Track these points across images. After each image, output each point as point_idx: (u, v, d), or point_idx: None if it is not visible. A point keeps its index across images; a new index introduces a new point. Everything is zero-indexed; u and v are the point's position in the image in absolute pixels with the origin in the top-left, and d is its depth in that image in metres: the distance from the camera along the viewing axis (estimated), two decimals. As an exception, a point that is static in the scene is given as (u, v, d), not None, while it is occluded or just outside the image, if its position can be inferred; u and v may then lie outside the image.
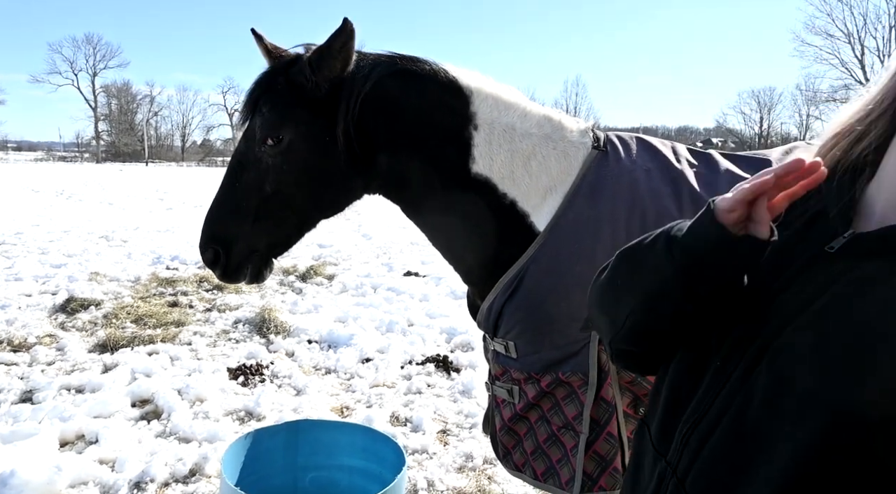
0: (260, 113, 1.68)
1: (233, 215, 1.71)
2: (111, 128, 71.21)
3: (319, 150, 1.67)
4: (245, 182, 1.70)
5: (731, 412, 0.75)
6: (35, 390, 4.04)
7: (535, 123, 1.75)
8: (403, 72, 1.69)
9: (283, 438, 2.27)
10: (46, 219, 12.55)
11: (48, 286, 6.79)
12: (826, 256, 0.74)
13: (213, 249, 1.74)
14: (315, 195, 1.73)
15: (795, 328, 0.71)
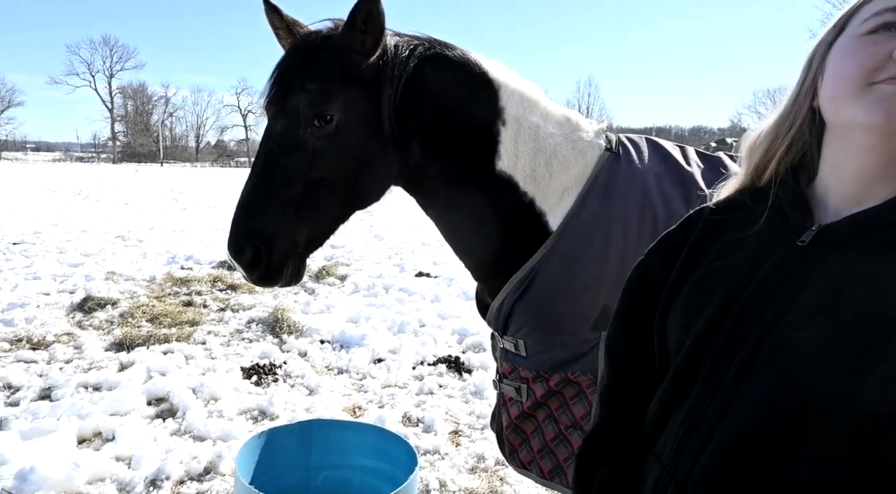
0: (303, 89, 1.51)
1: (274, 206, 1.51)
2: (127, 128, 72.18)
3: (366, 133, 1.56)
4: (287, 168, 1.51)
5: (732, 413, 0.75)
6: (53, 387, 4.11)
7: (556, 122, 1.74)
8: (439, 57, 1.64)
9: (296, 437, 2.29)
10: (64, 219, 12.74)
11: (66, 285, 6.90)
12: (798, 250, 0.77)
13: (252, 247, 1.50)
14: (359, 182, 1.60)
15: (791, 325, 0.72)
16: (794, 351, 0.71)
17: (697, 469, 0.77)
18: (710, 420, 0.77)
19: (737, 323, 0.78)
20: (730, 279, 0.82)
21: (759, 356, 0.74)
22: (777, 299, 0.75)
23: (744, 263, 0.82)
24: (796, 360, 0.70)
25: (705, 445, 0.77)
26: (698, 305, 0.84)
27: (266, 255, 1.51)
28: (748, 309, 0.77)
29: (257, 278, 1.54)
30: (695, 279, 0.88)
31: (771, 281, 0.77)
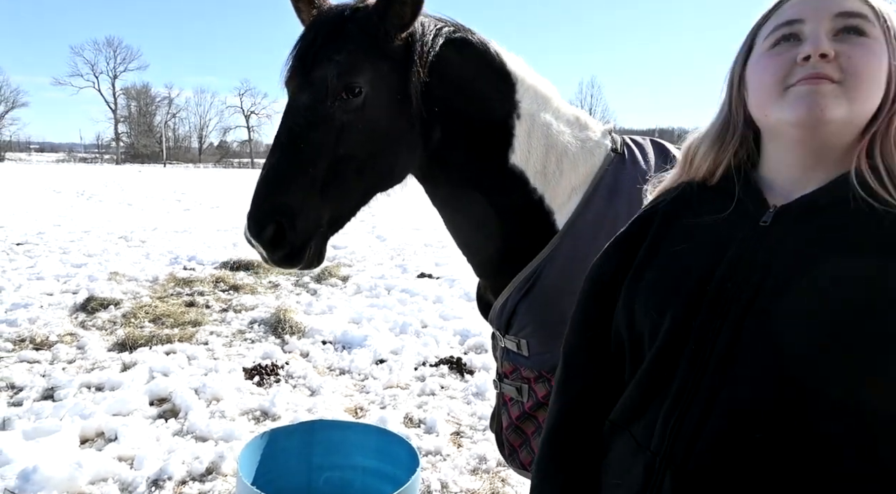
0: (331, 61, 1.46)
1: (297, 182, 1.44)
2: (130, 129, 72.35)
3: (393, 110, 1.52)
4: (313, 142, 1.45)
5: (727, 391, 0.79)
6: (56, 387, 4.12)
7: (566, 121, 1.74)
8: (464, 41, 1.61)
9: (298, 438, 2.29)
10: (67, 220, 12.78)
11: (69, 285, 6.92)
12: (762, 229, 0.85)
13: (275, 223, 1.43)
14: (385, 161, 1.54)
15: (772, 299, 0.79)
16: (785, 324, 0.77)
17: (697, 452, 0.80)
18: (703, 403, 0.81)
19: (715, 303, 0.83)
20: (698, 260, 0.88)
21: (742, 336, 0.80)
22: (750, 278, 0.82)
23: (709, 244, 0.89)
24: (790, 333, 0.76)
25: (702, 428, 0.80)
26: (670, 287, 0.89)
27: (290, 233, 1.44)
28: (723, 290, 0.83)
29: (280, 257, 1.47)
30: (659, 264, 0.94)
31: (741, 260, 0.84)
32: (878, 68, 0.80)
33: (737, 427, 0.78)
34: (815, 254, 0.79)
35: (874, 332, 0.72)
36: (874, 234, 0.77)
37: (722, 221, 0.90)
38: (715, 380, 0.81)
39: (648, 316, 0.91)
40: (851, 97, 0.80)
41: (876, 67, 0.80)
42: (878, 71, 0.80)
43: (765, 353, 0.77)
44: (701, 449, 0.80)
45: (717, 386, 0.80)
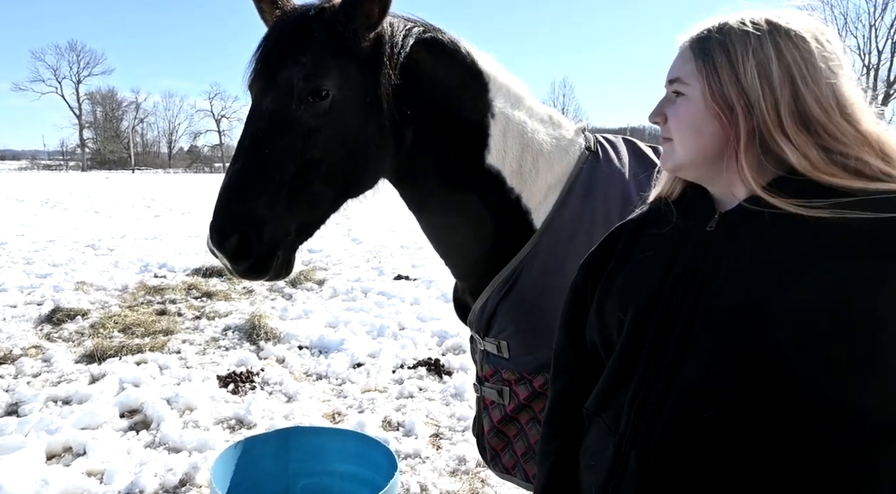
0: (296, 62, 1.41)
1: (262, 189, 1.39)
2: (96, 135, 70.54)
3: (361, 113, 1.48)
4: (278, 148, 1.40)
5: (680, 376, 0.91)
6: (21, 402, 3.98)
7: (540, 119, 1.74)
8: (435, 41, 1.59)
9: (274, 445, 2.25)
10: (31, 229, 12.39)
11: (33, 296, 6.70)
12: (709, 234, 0.98)
13: (239, 233, 1.37)
14: (354, 166, 1.50)
15: (713, 295, 0.90)
16: (718, 315, 0.89)
17: (657, 432, 0.92)
18: (661, 388, 0.92)
19: (670, 299, 0.95)
20: (658, 263, 1.01)
21: (693, 325, 0.91)
22: (698, 275, 0.94)
23: (667, 250, 1.02)
24: (724, 323, 0.87)
25: (660, 410, 0.92)
26: (634, 288, 1.02)
27: (255, 242, 1.38)
28: (677, 286, 0.96)
29: (245, 269, 1.41)
30: (627, 270, 1.07)
31: (691, 261, 0.96)
32: (690, 118, 0.96)
33: (690, 407, 0.89)
34: (747, 253, 0.91)
35: (788, 315, 0.82)
36: (775, 236, 0.89)
37: (680, 229, 1.03)
38: (671, 366, 0.92)
39: (615, 316, 1.03)
40: (677, 150, 1.00)
41: (688, 119, 0.97)
42: (690, 120, 0.96)
43: (711, 340, 0.89)
44: (659, 429, 0.91)
45: (674, 372, 0.91)
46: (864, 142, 0.88)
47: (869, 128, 0.89)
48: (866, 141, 0.88)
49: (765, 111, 0.89)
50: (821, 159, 0.88)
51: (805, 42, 0.91)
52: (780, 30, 0.92)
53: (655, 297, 0.97)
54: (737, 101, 0.91)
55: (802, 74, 0.90)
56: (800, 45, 0.91)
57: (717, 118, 0.93)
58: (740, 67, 0.91)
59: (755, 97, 0.90)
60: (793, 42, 0.91)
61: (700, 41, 0.96)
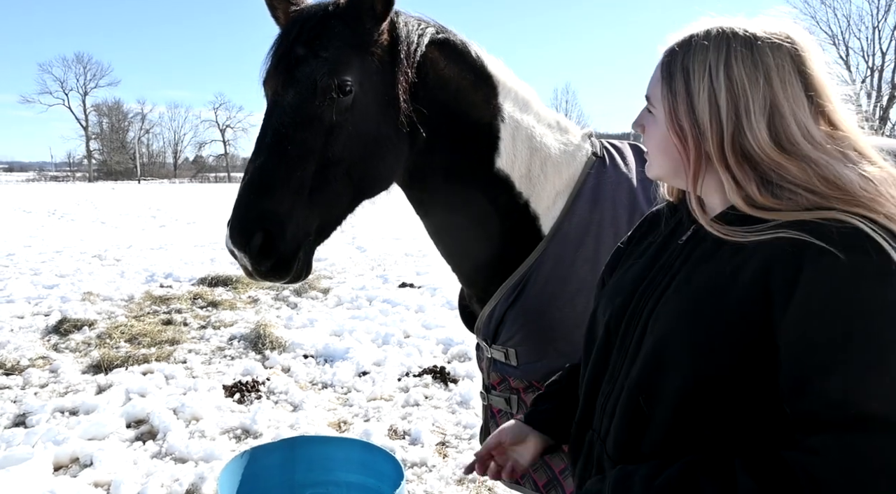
0: (317, 57, 1.40)
1: (286, 187, 1.35)
2: (103, 146, 71.06)
3: (380, 111, 1.46)
4: (301, 144, 1.36)
5: (630, 378, 0.98)
6: (28, 413, 4.00)
7: (547, 124, 1.73)
8: (448, 42, 1.59)
9: (279, 455, 2.25)
10: (38, 240, 12.47)
11: (41, 307, 6.74)
12: (679, 247, 1.03)
13: (263, 231, 1.32)
14: (373, 165, 1.48)
15: (664, 302, 0.97)
16: (662, 320, 0.95)
17: (610, 428, 1.00)
18: (620, 386, 1.00)
19: (636, 306, 1.02)
20: (637, 272, 1.08)
21: (647, 328, 0.97)
22: (661, 285, 1.00)
23: (647, 262, 1.08)
24: (663, 327, 0.94)
25: (615, 407, 1.00)
26: (614, 294, 1.10)
27: (279, 241, 1.34)
28: (644, 295, 1.02)
29: (268, 269, 1.36)
30: (618, 274, 1.15)
31: (660, 272, 1.03)
32: (657, 137, 1.01)
33: (631, 406, 0.96)
34: (695, 269, 0.96)
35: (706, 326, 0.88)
36: (722, 262, 0.92)
37: (665, 238, 1.09)
38: (628, 368, 0.99)
39: (603, 317, 1.11)
40: (652, 163, 1.06)
41: (655, 137, 1.01)
42: (657, 140, 1.01)
43: (651, 346, 0.96)
44: (610, 426, 1.00)
45: (628, 373, 0.99)
46: (804, 176, 0.87)
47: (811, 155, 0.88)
48: (807, 173, 0.87)
49: (710, 141, 0.92)
50: (757, 193, 0.89)
51: (763, 66, 0.91)
52: (739, 53, 0.91)
53: (627, 303, 1.05)
54: (689, 131, 0.94)
55: (748, 107, 0.90)
56: (758, 70, 0.91)
57: (675, 142, 0.97)
58: (695, 97, 0.93)
59: (704, 128, 0.92)
60: (752, 65, 0.91)
61: (668, 63, 0.98)
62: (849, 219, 0.83)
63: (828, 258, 0.80)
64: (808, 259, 0.81)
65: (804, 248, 0.82)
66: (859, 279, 0.79)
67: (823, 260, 0.80)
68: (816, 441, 0.78)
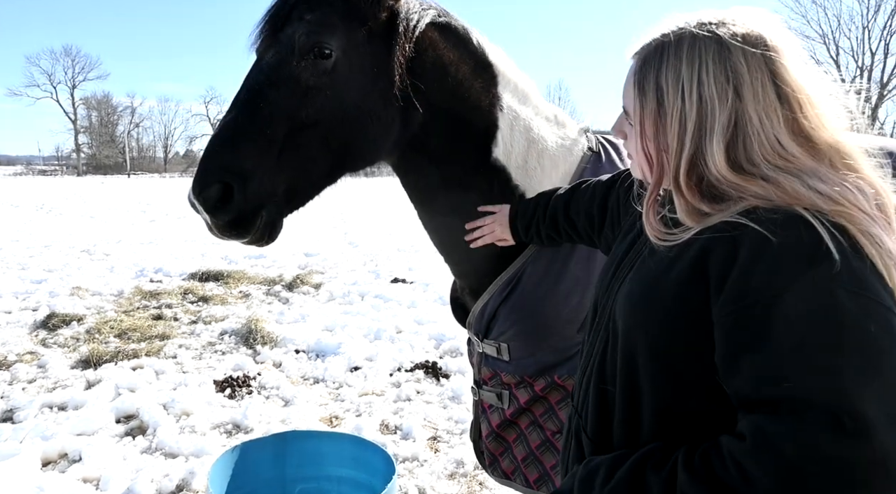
0: (301, 20, 1.40)
1: (252, 142, 1.33)
2: (92, 140, 70.32)
3: (366, 82, 1.44)
4: (274, 103, 1.36)
5: (596, 355, 1.04)
6: (15, 409, 3.96)
7: (545, 117, 1.72)
8: (450, 26, 1.58)
9: (270, 450, 2.24)
10: (26, 234, 12.33)
11: (28, 302, 6.67)
12: (643, 239, 1.03)
13: (221, 183, 1.31)
14: (353, 136, 1.45)
15: (623, 284, 1.02)
16: (619, 302, 1.00)
17: (587, 404, 1.05)
18: (592, 364, 1.06)
19: (610, 287, 1.07)
20: (616, 256, 1.12)
21: (612, 312, 1.02)
22: (629, 268, 1.04)
23: (628, 244, 1.11)
24: (619, 309, 0.99)
25: (588, 385, 1.06)
26: (601, 277, 1.15)
27: (238, 196, 1.31)
28: (615, 277, 1.07)
29: (226, 222, 1.34)
30: (608, 259, 1.20)
31: (630, 254, 1.07)
32: (633, 149, 1.03)
33: (597, 380, 1.02)
34: (647, 258, 0.98)
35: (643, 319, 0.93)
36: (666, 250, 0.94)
37: (637, 231, 1.11)
38: (597, 347, 1.04)
39: (593, 298, 1.17)
40: (633, 166, 1.08)
41: (631, 146, 1.03)
42: (633, 150, 1.02)
43: (611, 326, 1.01)
44: (585, 401, 1.06)
45: (595, 352, 1.05)
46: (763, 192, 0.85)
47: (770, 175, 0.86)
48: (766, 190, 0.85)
49: (669, 163, 0.93)
50: (707, 209, 0.89)
51: (734, 78, 0.87)
52: (711, 67, 0.88)
53: (603, 287, 1.10)
54: (655, 152, 0.95)
55: (712, 127, 0.87)
56: (728, 84, 0.87)
57: (642, 160, 1.00)
58: (667, 118, 0.91)
59: (671, 150, 0.92)
60: (724, 79, 0.87)
61: (641, 77, 0.95)
62: (788, 208, 0.82)
63: (760, 238, 0.80)
64: (742, 242, 0.81)
65: (741, 232, 0.82)
66: (788, 258, 0.78)
67: (756, 240, 0.80)
68: (744, 424, 0.77)
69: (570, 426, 1.14)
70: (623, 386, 0.96)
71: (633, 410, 0.95)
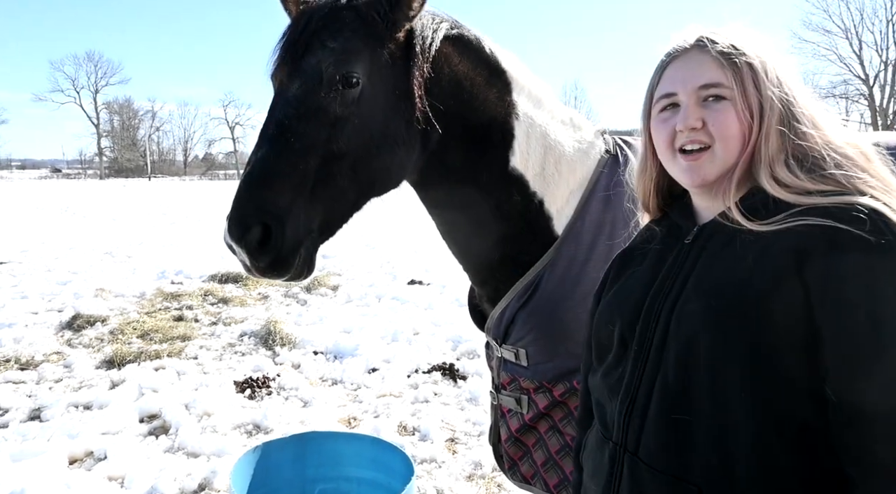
0: (325, 48, 1.37)
1: (287, 180, 1.30)
2: (114, 144, 71.66)
3: (389, 105, 1.42)
4: (304, 137, 1.32)
5: (660, 382, 0.95)
6: (43, 408, 4.05)
7: (561, 121, 1.70)
8: (463, 38, 1.56)
9: (291, 451, 2.27)
10: (51, 237, 12.61)
11: (54, 303, 6.82)
12: (686, 246, 1.03)
13: (262, 225, 1.27)
14: (380, 162, 1.43)
15: (684, 301, 0.95)
16: (689, 320, 0.93)
17: (643, 437, 0.96)
18: (646, 393, 0.97)
19: (651, 309, 1.00)
20: (643, 277, 1.07)
21: (669, 330, 0.95)
22: (676, 284, 0.99)
23: (654, 263, 1.07)
24: (691, 327, 0.92)
25: (644, 415, 0.96)
26: (622, 301, 1.08)
27: (278, 236, 1.28)
28: (657, 297, 1.01)
29: (267, 264, 1.31)
30: (618, 286, 1.14)
31: (671, 272, 1.02)
32: (735, 125, 0.97)
33: (666, 411, 0.93)
34: (713, 264, 0.96)
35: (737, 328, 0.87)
36: (738, 246, 0.93)
37: (666, 244, 1.09)
38: (652, 372, 0.96)
39: (605, 329, 1.09)
40: (722, 156, 0.99)
41: (735, 125, 0.97)
42: (736, 127, 0.97)
43: (679, 345, 0.93)
44: (645, 435, 0.96)
45: (654, 378, 0.96)
46: (828, 154, 0.93)
47: (833, 139, 0.95)
48: (832, 151, 0.93)
49: (769, 124, 0.95)
50: (787, 175, 0.93)
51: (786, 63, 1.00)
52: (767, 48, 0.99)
53: (639, 307, 1.02)
54: (756, 112, 0.96)
55: (791, 92, 0.97)
56: (785, 63, 0.99)
57: (743, 126, 0.97)
58: (761, 78, 0.97)
59: (767, 108, 0.96)
60: (780, 61, 0.99)
61: (722, 51, 0.99)
62: (866, 202, 0.85)
63: (860, 243, 0.81)
64: (840, 247, 0.82)
65: (834, 234, 0.83)
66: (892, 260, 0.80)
67: (855, 245, 0.81)
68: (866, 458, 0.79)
69: (616, 464, 1.01)
70: (709, 408, 0.89)
71: (720, 432, 0.89)
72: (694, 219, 1.08)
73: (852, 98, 36.00)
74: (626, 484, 0.98)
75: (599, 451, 1.06)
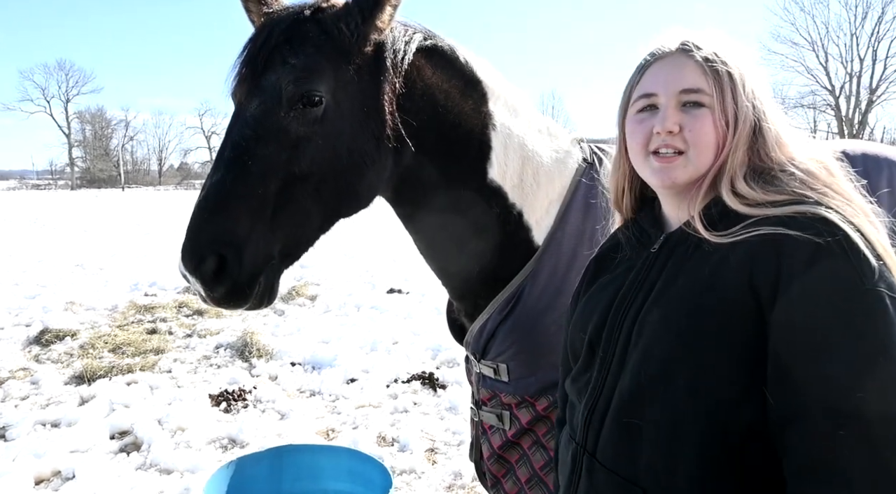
0: (285, 64, 1.30)
1: (245, 205, 1.24)
2: (86, 154, 70.21)
3: (357, 123, 1.36)
4: (262, 159, 1.25)
5: (619, 387, 0.98)
6: (7, 426, 3.91)
7: (538, 130, 1.66)
8: (436, 49, 1.50)
9: (266, 465, 2.22)
10: (19, 249, 12.26)
11: (21, 318, 6.62)
12: (652, 255, 1.05)
13: (216, 255, 1.22)
14: (348, 182, 1.36)
15: (646, 312, 0.97)
16: (649, 329, 0.95)
17: (601, 439, 1.00)
18: (607, 398, 1.00)
19: (615, 317, 1.03)
20: (611, 286, 1.09)
21: (631, 339, 0.98)
22: (640, 294, 1.01)
23: (623, 271, 1.09)
24: (651, 336, 0.94)
25: (603, 419, 1.00)
26: (591, 310, 1.11)
27: (234, 267, 1.22)
28: (622, 305, 1.03)
29: (222, 295, 1.25)
30: (589, 293, 1.16)
31: (636, 280, 1.04)
32: (711, 133, 0.98)
33: (622, 415, 0.96)
34: (676, 275, 0.97)
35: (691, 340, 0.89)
36: (698, 256, 0.95)
37: (635, 252, 1.10)
38: (614, 379, 0.99)
39: (578, 338, 1.12)
40: (695, 163, 1.00)
41: (711, 133, 0.98)
42: (712, 135, 0.98)
43: (640, 353, 0.95)
44: (601, 437, 1.00)
45: (615, 385, 0.99)
46: (787, 166, 0.95)
47: (796, 155, 0.97)
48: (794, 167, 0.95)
49: (740, 135, 0.97)
50: (745, 187, 0.94)
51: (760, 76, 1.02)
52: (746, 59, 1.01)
53: (606, 315, 1.05)
54: (731, 122, 0.98)
55: (762, 106, 0.99)
56: (759, 76, 1.02)
57: (718, 135, 0.99)
58: (738, 89, 0.98)
59: (741, 120, 0.98)
60: (755, 73, 1.01)
61: (706, 58, 1.00)
62: (817, 211, 0.87)
63: (806, 248, 0.84)
64: (786, 252, 0.85)
65: (782, 241, 0.85)
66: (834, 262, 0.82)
67: (802, 250, 0.84)
68: None
69: (576, 463, 1.06)
70: (661, 416, 0.92)
71: (672, 434, 0.91)
72: (662, 226, 1.10)
73: (819, 108, 37.10)
74: (584, 483, 1.03)
75: (566, 450, 1.11)
